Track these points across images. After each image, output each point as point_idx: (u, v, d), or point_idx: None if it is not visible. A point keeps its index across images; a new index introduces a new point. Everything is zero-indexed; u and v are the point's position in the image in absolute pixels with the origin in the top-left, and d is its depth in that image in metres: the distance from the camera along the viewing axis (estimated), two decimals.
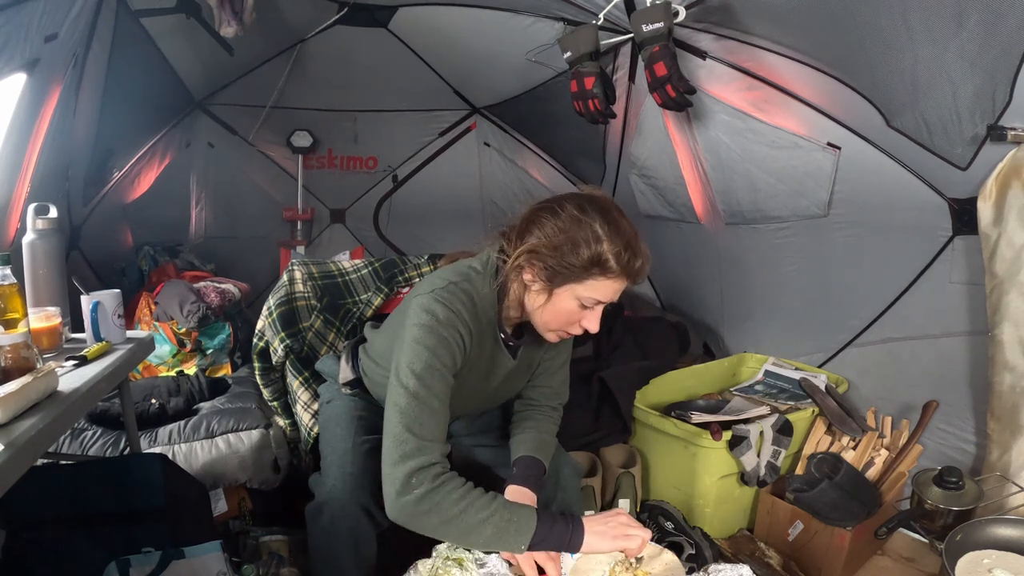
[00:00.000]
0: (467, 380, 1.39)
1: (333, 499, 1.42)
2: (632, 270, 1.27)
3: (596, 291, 1.27)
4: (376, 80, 3.58)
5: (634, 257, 1.26)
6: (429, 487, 1.15)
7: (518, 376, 1.53)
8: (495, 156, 4.07)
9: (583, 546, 1.19)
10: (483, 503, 1.16)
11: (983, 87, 1.55)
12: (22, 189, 2.04)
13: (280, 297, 1.98)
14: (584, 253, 1.23)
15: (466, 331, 1.30)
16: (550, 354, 1.58)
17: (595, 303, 1.29)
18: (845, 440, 2.15)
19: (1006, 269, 1.73)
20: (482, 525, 1.14)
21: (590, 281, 1.26)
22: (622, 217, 1.28)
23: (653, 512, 2.17)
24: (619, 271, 1.25)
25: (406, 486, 1.15)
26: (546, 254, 1.26)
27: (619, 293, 1.30)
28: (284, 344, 1.92)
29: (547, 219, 1.28)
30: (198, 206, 3.87)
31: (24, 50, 1.69)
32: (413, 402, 1.20)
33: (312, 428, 1.91)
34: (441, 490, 1.15)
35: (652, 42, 1.98)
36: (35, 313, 1.48)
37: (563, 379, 1.63)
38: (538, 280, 1.29)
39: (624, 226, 1.27)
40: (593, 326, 1.32)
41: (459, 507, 1.14)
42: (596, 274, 1.25)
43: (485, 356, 1.41)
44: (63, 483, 1.60)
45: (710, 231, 2.79)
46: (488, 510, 1.15)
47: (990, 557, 1.51)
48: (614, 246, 1.24)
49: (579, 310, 1.29)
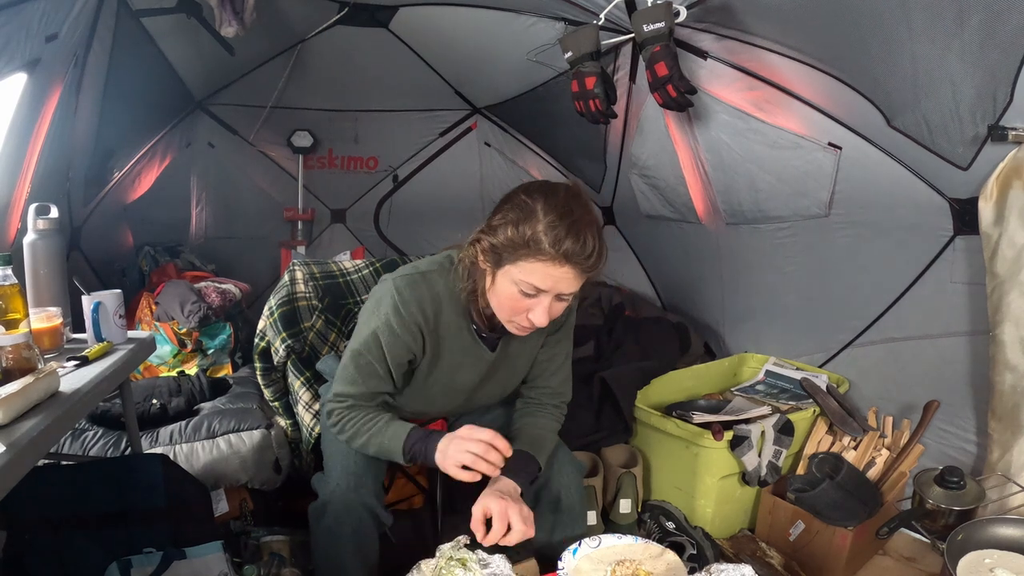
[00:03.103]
0: (441, 371, 1.43)
1: (337, 499, 1.43)
2: (569, 253, 1.21)
3: (531, 275, 1.24)
4: (377, 80, 3.58)
5: (574, 241, 1.21)
6: (336, 420, 1.42)
7: (505, 370, 1.52)
8: (496, 156, 4.06)
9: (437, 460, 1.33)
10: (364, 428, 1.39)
11: (984, 87, 1.55)
12: (23, 189, 2.04)
13: (281, 297, 1.98)
14: (515, 231, 1.23)
15: (422, 318, 1.36)
16: (547, 354, 1.57)
17: (534, 290, 1.25)
18: (846, 440, 2.15)
19: (1007, 269, 1.73)
20: (365, 439, 1.39)
21: (523, 263, 1.23)
22: (576, 203, 1.25)
23: (655, 512, 2.17)
24: (552, 254, 1.21)
25: (329, 416, 1.43)
26: (488, 235, 1.28)
27: (565, 283, 1.25)
28: (285, 344, 1.92)
29: (500, 205, 1.30)
30: (199, 206, 3.87)
31: (25, 50, 1.69)
32: (342, 370, 1.42)
33: (313, 428, 1.91)
34: (341, 423, 1.41)
35: (653, 42, 1.98)
36: (36, 313, 1.48)
37: (563, 379, 1.62)
38: (486, 263, 1.30)
39: (573, 210, 1.23)
40: (538, 318, 1.28)
41: (352, 430, 1.40)
42: (527, 255, 1.22)
43: (459, 347, 1.42)
44: (64, 484, 1.60)
45: (711, 231, 2.79)
46: (371, 427, 1.39)
47: (992, 557, 1.51)
48: (551, 227, 1.21)
49: (521, 297, 1.27)
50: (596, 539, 1.37)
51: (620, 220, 3.55)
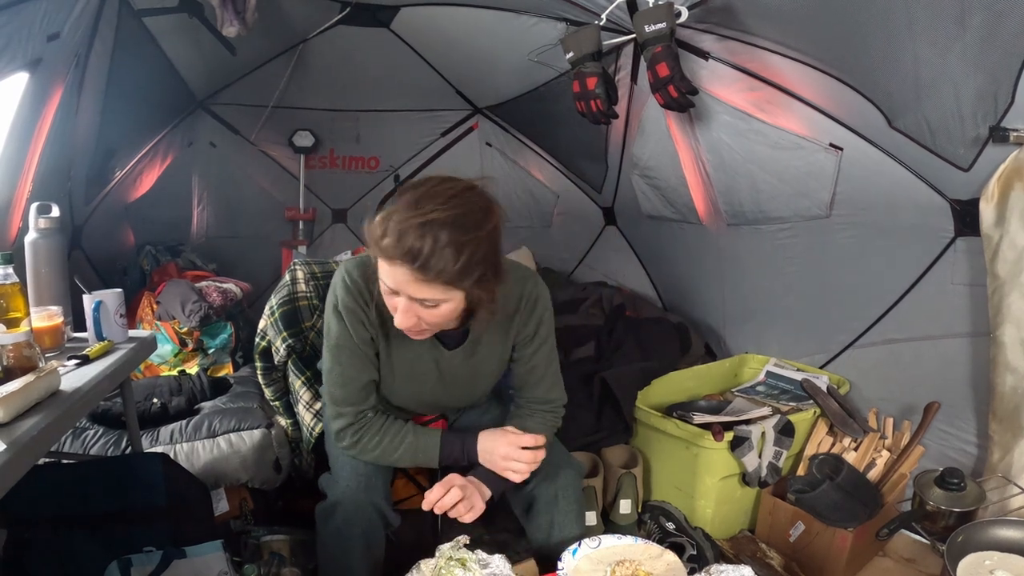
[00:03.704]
0: (401, 360, 1.44)
1: (347, 499, 1.43)
2: (390, 251, 1.16)
3: (382, 272, 1.21)
4: (378, 80, 3.58)
5: (395, 239, 1.15)
6: (351, 440, 1.42)
7: (474, 365, 1.49)
8: (497, 156, 4.07)
9: (479, 457, 1.43)
10: (395, 443, 1.42)
11: (985, 88, 1.55)
12: (24, 188, 2.04)
13: (282, 297, 1.98)
14: (372, 225, 1.20)
15: (369, 296, 1.35)
16: (524, 366, 1.52)
17: (387, 288, 1.23)
18: (847, 441, 2.15)
19: (1008, 270, 1.73)
20: (396, 453, 1.42)
21: (378, 259, 1.21)
22: (429, 200, 1.17)
23: (655, 513, 2.17)
24: (379, 250, 1.18)
25: (339, 437, 1.44)
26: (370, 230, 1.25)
27: (406, 285, 1.19)
28: (286, 344, 1.92)
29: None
30: (200, 206, 3.88)
31: (26, 49, 1.69)
32: (328, 373, 1.43)
33: (314, 428, 1.91)
34: (360, 441, 1.42)
35: (654, 43, 1.98)
36: (37, 312, 1.48)
37: (550, 386, 1.56)
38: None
39: (420, 206, 1.16)
40: (397, 319, 1.25)
41: (379, 448, 1.42)
42: (375, 251, 1.19)
43: (409, 339, 1.39)
44: (65, 482, 1.60)
45: (712, 232, 2.79)
46: (399, 444, 1.42)
47: (992, 559, 1.50)
48: (383, 221, 1.17)
49: (388, 294, 1.25)
50: (596, 539, 1.38)
51: (621, 220, 3.56)
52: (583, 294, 3.25)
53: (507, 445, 1.41)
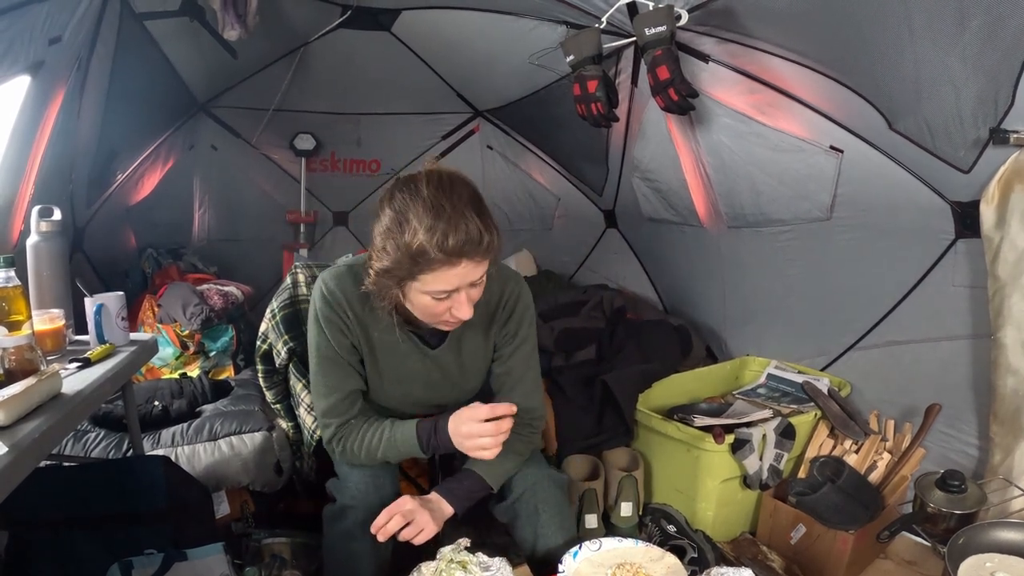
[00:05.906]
0: (388, 365, 1.45)
1: (358, 502, 1.43)
2: (457, 250, 1.17)
3: (434, 284, 1.22)
4: (379, 83, 3.58)
5: (456, 235, 1.16)
6: (339, 448, 1.47)
7: (460, 362, 1.50)
8: (498, 159, 4.07)
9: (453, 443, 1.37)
10: (375, 444, 1.43)
11: (985, 90, 1.55)
12: (26, 191, 2.05)
13: (283, 300, 1.98)
14: (400, 250, 1.19)
15: (348, 307, 1.38)
16: (503, 367, 1.52)
17: (444, 294, 1.23)
18: (848, 443, 2.15)
19: (1008, 272, 1.73)
20: (380, 450, 1.43)
21: (422, 276, 1.21)
22: (442, 192, 1.19)
23: (656, 515, 2.17)
24: (443, 258, 1.18)
25: (327, 447, 1.50)
26: (379, 259, 1.25)
27: (469, 275, 1.22)
28: (288, 347, 1.91)
29: (377, 221, 1.26)
30: (201, 209, 3.88)
31: (28, 53, 1.70)
32: (313, 385, 1.47)
33: (315, 431, 1.91)
34: (346, 448, 1.46)
35: (655, 46, 1.98)
36: (39, 315, 1.49)
37: (527, 392, 1.53)
38: (390, 283, 1.27)
39: (443, 203, 1.18)
40: (462, 313, 1.27)
41: (363, 450, 1.45)
42: (422, 269, 1.20)
43: (394, 341, 1.41)
44: (66, 485, 1.60)
45: (712, 234, 2.79)
46: (379, 441, 1.43)
47: (993, 561, 1.50)
48: (430, 232, 1.16)
49: (436, 303, 1.25)
50: (597, 542, 1.38)
51: (622, 223, 3.56)
52: (584, 297, 3.25)
53: (468, 421, 1.34)
